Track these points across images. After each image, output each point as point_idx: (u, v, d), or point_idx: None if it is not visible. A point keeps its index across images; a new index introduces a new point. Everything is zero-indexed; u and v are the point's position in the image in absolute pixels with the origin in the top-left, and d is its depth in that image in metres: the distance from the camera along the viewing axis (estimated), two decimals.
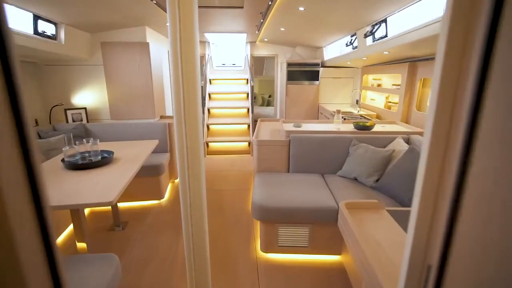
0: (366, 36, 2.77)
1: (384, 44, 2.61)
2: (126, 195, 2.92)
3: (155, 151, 3.29)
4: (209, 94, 5.26)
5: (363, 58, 3.25)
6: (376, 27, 2.64)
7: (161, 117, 3.90)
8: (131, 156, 2.26)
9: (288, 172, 2.60)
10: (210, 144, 4.84)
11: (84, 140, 2.04)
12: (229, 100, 5.31)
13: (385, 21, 2.53)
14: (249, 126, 4.95)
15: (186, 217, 1.11)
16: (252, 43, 5.31)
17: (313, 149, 2.50)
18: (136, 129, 3.25)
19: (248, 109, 5.07)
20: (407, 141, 2.46)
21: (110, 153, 2.14)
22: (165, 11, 3.15)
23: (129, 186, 2.79)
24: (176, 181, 3.64)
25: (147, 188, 2.96)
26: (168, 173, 3.33)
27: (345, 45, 3.49)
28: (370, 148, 2.33)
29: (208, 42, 5.25)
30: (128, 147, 2.52)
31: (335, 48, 4.36)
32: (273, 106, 7.49)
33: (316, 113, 5.00)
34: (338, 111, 2.71)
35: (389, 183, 2.08)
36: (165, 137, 3.32)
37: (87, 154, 2.03)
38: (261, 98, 7.80)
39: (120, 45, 3.31)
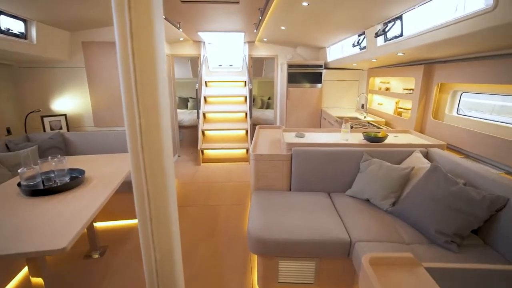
0: (377, 35, 2.46)
1: (398, 44, 2.30)
2: (106, 214, 2.60)
3: None
4: (204, 97, 4.94)
5: (373, 60, 2.94)
6: (389, 26, 2.33)
7: None
8: (107, 174, 1.94)
9: (290, 190, 2.28)
10: (205, 151, 4.52)
11: (49, 157, 1.72)
12: (226, 103, 5.00)
13: (400, 18, 2.22)
14: (247, 132, 4.64)
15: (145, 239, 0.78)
16: (251, 43, 4.99)
17: (318, 164, 2.19)
18: (121, 137, 2.93)
19: (246, 114, 4.76)
20: (426, 155, 2.15)
21: (81, 172, 1.82)
22: None
23: (109, 203, 2.47)
24: None
25: (130, 205, 2.64)
26: None
27: (352, 45, 3.17)
28: (384, 164, 2.01)
29: (204, 42, 4.93)
30: (106, 162, 2.20)
31: (339, 49, 4.05)
32: (272, 109, 7.18)
33: (319, 118, 4.69)
34: (346, 120, 2.40)
35: (408, 209, 1.77)
36: None
37: (52, 175, 1.71)
38: (260, 101, 7.48)
39: (103, 45, 3.00)
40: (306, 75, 4.49)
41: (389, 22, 2.33)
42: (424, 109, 2.74)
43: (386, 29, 2.30)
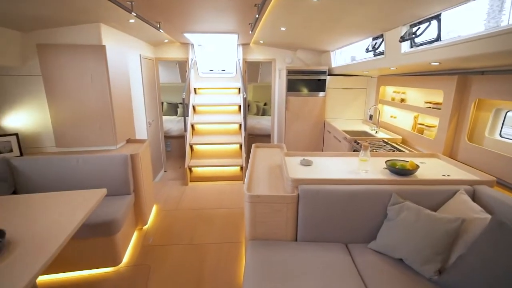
0: (403, 39, 1.96)
1: (433, 52, 1.80)
2: (65, 263, 2.06)
3: (114, 193, 2.44)
4: (193, 107, 4.40)
5: (392, 68, 2.44)
6: (421, 27, 1.83)
7: (129, 141, 3.03)
8: (45, 232, 1.39)
9: (296, 239, 1.77)
10: (194, 169, 3.98)
11: None
12: (217, 113, 4.46)
13: (437, 18, 1.72)
14: (241, 146, 4.11)
15: None
16: (245, 45, 4.47)
17: (332, 207, 1.68)
18: (85, 165, 2.38)
19: (240, 125, 4.23)
20: (472, 196, 1.66)
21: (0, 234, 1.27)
22: (123, 9, 2.28)
23: (67, 251, 1.93)
24: (145, 227, 2.79)
25: (96, 252, 2.10)
26: (128, 229, 2.47)
27: (365, 50, 2.68)
28: (423, 213, 1.51)
29: (192, 44, 4.38)
30: (51, 207, 1.65)
31: (347, 53, 3.56)
32: (269, 115, 6.67)
33: (322, 131, 4.18)
34: (366, 147, 1.89)
35: (465, 282, 1.27)
36: (126, 173, 2.46)
37: None
38: (255, 107, 6.96)
39: (64, 49, 2.44)
40: (308, 82, 3.99)
41: (421, 22, 1.84)
42: (456, 129, 2.26)
43: (418, 32, 1.80)
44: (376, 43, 2.49)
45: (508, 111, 1.97)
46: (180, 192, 3.61)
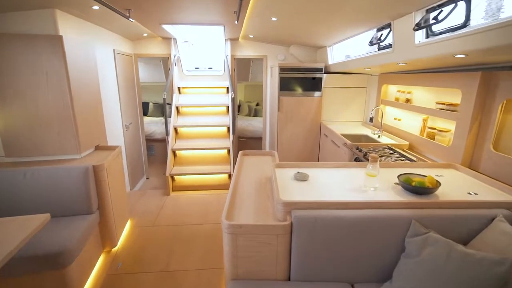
0: (419, 27, 1.60)
1: (457, 42, 1.44)
2: None
3: (72, 213, 2.03)
4: (176, 108, 4.00)
5: (400, 64, 2.09)
6: (442, 11, 1.48)
7: (98, 148, 2.62)
8: None
9: (289, 279, 1.39)
10: (176, 177, 3.58)
11: None
12: (203, 115, 4.07)
13: None
14: (229, 151, 3.72)
15: None
16: (234, 40, 4.09)
17: (334, 237, 1.32)
18: (34, 180, 1.97)
19: (229, 128, 3.85)
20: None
21: None
22: None
23: None
24: (115, 249, 2.39)
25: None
26: (90, 255, 2.06)
27: (369, 43, 2.32)
28: (456, 249, 1.15)
29: (175, 39, 3.98)
30: None
31: (346, 48, 3.20)
32: (261, 117, 6.30)
33: (318, 134, 3.83)
34: (374, 159, 1.53)
35: None
36: (87, 188, 2.06)
37: None
38: (247, 107, 6.58)
39: (11, 39, 2.03)
40: (303, 80, 3.62)
41: (442, 5, 1.48)
42: (477, 136, 1.91)
43: (440, 17, 1.44)
44: (381, 34, 2.13)
45: None
46: (160, 204, 3.21)
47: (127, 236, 2.58)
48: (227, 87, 4.22)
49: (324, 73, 3.60)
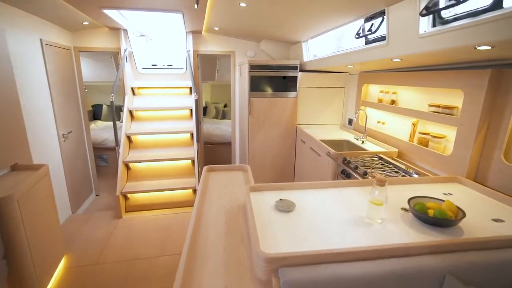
0: (429, 11, 1.26)
1: (479, 29, 1.12)
2: None
3: None
4: (130, 112, 3.39)
5: (395, 60, 1.76)
6: None
7: (16, 168, 1.98)
8: None
9: None
10: (130, 195, 2.99)
11: None
12: (163, 120, 3.50)
13: None
14: (193, 161, 3.21)
15: None
16: (196, 34, 3.58)
17: None
18: None
19: (193, 134, 3.33)
20: None
21: None
22: None
23: None
24: None
25: None
26: None
27: (356, 35, 1.97)
28: None
29: (125, 30, 3.36)
30: None
31: (324, 43, 2.86)
32: (230, 119, 5.83)
33: (294, 140, 3.46)
34: (381, 182, 1.15)
35: None
36: None
37: None
38: (214, 109, 6.07)
39: None
40: (276, 80, 3.23)
41: None
42: (483, 144, 1.64)
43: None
44: (372, 24, 1.79)
45: None
46: (108, 231, 2.61)
47: (58, 282, 1.98)
48: (190, 87, 3.70)
49: (300, 71, 3.24)
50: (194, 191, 3.07)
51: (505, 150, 1.54)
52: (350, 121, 3.27)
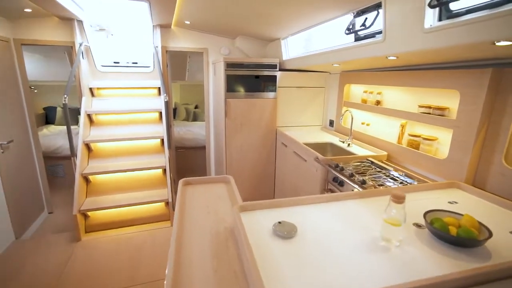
0: (439, 1, 1.12)
1: (498, 23, 0.99)
2: None
3: None
4: (88, 116, 2.95)
5: (391, 58, 1.63)
6: None
7: None
8: None
9: None
10: (91, 213, 2.59)
11: None
12: (128, 124, 3.11)
13: None
14: (164, 170, 2.88)
15: None
16: (165, 28, 3.24)
17: None
18: None
19: (164, 140, 2.99)
20: None
21: None
22: None
23: None
24: None
25: None
26: None
27: (346, 31, 1.81)
28: None
29: (80, 21, 2.92)
30: None
31: (305, 40, 2.70)
32: (203, 121, 5.51)
33: (274, 144, 3.26)
34: (399, 199, 0.98)
35: None
36: None
37: None
38: (184, 111, 5.69)
39: None
40: (254, 79, 3.01)
41: None
42: (482, 147, 1.56)
43: None
44: (366, 18, 1.64)
45: None
46: (64, 258, 2.20)
47: None
48: (159, 88, 3.34)
49: (279, 70, 3.05)
50: (167, 204, 2.74)
51: (506, 155, 1.47)
52: (332, 122, 3.15)
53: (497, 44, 1.06)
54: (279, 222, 1.11)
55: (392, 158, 2.18)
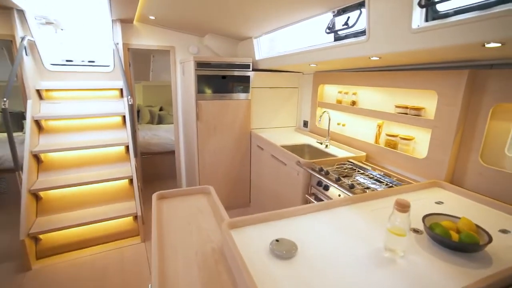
0: (429, 1, 1.09)
1: (495, 23, 0.99)
2: None
3: None
4: (36, 122, 2.57)
5: (373, 58, 1.60)
6: None
7: None
8: None
9: None
10: (43, 235, 2.24)
11: None
12: (86, 130, 2.77)
13: None
14: (131, 180, 2.61)
15: None
16: (127, 23, 2.95)
17: None
18: None
19: (128, 147, 2.71)
20: None
21: None
22: None
23: None
24: None
25: None
26: None
27: (326, 29, 1.76)
28: None
29: (21, 11, 2.53)
30: None
31: (277, 40, 2.62)
32: (169, 123, 5.21)
33: (249, 147, 3.15)
34: (404, 207, 0.93)
35: None
36: None
37: None
38: (148, 113, 5.33)
39: None
40: (227, 80, 2.86)
41: None
42: (459, 146, 1.60)
43: None
44: (348, 17, 1.59)
45: None
46: None
47: None
48: (121, 89, 3.03)
49: (252, 70, 2.94)
50: (135, 217, 2.48)
51: (482, 153, 1.52)
52: (306, 123, 3.13)
53: (487, 45, 1.06)
54: (277, 240, 0.99)
55: (370, 158, 2.19)
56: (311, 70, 2.85)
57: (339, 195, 1.67)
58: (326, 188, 1.79)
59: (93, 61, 3.02)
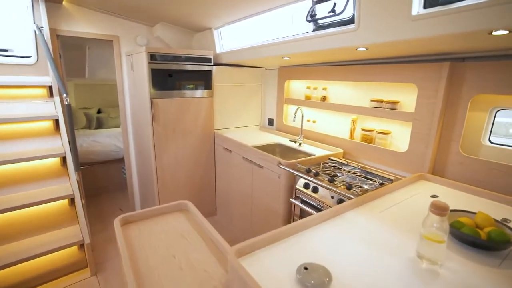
0: None
1: (503, 9, 0.95)
2: None
3: None
4: None
5: (360, 49, 1.51)
6: None
7: None
8: None
9: None
10: None
11: None
12: (6, 139, 2.14)
13: None
14: (73, 200, 2.10)
15: None
16: (54, 3, 2.38)
17: None
18: None
19: (65, 159, 2.18)
20: None
21: None
22: None
23: None
24: None
25: None
26: None
27: (308, 17, 1.61)
28: None
29: None
30: None
31: (243, 29, 2.40)
32: (112, 127, 4.55)
33: (212, 150, 2.86)
34: (442, 210, 0.82)
35: None
36: None
37: None
38: (84, 116, 4.56)
39: None
40: (186, 75, 2.53)
41: None
42: (440, 137, 1.63)
43: None
44: (335, 4, 1.46)
45: (500, 109, 1.49)
46: None
47: None
48: (49, 86, 2.44)
49: (214, 65, 2.66)
50: (81, 245, 2.00)
51: (462, 143, 1.56)
52: (271, 121, 2.99)
53: (494, 33, 1.02)
54: (305, 268, 0.79)
55: (347, 155, 2.14)
56: (276, 65, 2.70)
57: (332, 197, 1.55)
58: (315, 190, 1.66)
59: (6, 50, 2.36)
